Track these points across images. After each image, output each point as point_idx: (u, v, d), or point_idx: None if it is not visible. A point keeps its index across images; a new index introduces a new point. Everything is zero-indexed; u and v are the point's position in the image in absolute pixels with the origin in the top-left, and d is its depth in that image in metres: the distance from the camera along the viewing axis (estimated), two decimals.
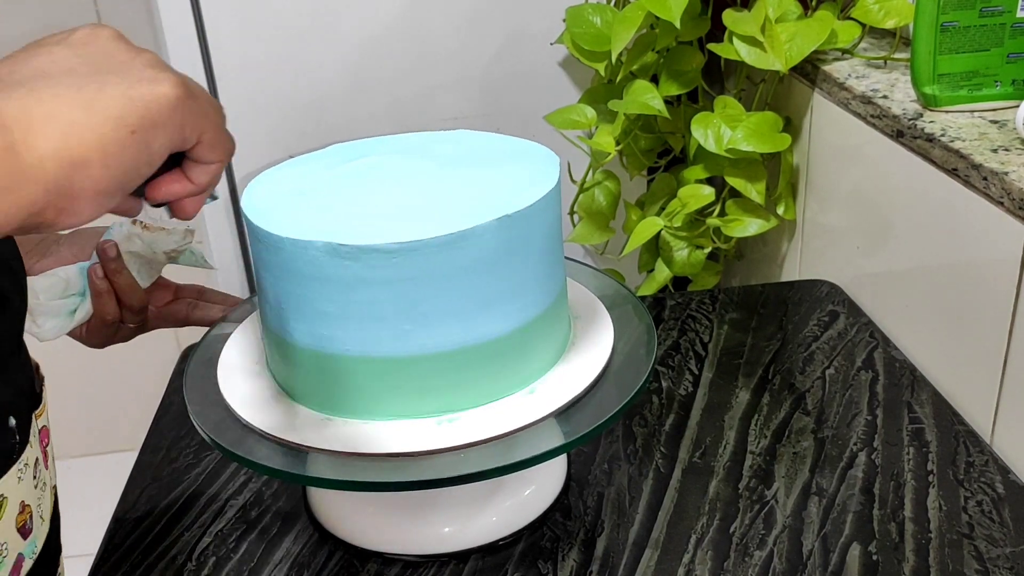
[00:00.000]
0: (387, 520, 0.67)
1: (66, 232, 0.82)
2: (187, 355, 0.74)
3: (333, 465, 0.58)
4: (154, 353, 2.01)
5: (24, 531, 0.56)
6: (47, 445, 0.62)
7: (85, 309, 0.79)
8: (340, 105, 1.26)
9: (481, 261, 0.57)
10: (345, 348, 0.58)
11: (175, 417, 0.85)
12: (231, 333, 0.71)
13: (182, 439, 0.81)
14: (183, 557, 0.68)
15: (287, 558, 0.67)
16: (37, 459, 0.58)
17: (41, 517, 0.58)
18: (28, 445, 0.56)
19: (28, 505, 0.56)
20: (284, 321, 0.61)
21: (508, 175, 0.63)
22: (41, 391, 0.63)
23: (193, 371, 0.68)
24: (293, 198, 0.62)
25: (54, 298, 0.77)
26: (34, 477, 0.57)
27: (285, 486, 0.74)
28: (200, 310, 0.86)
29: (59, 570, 0.65)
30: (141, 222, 0.80)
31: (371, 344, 0.58)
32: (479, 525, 0.67)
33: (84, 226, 0.84)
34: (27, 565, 0.56)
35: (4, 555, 0.54)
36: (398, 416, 0.60)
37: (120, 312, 0.80)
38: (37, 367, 0.65)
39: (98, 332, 0.81)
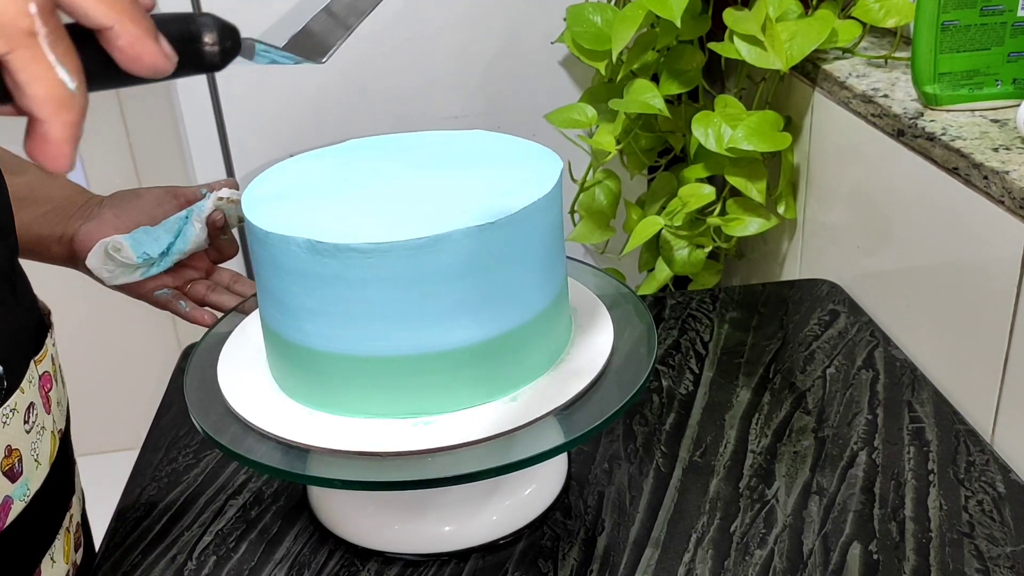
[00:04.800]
0: (387, 519, 0.67)
1: (107, 196, 0.85)
2: (187, 354, 0.74)
3: (333, 464, 0.58)
4: (154, 353, 2.02)
5: (12, 474, 0.57)
6: (49, 390, 0.63)
7: (155, 268, 0.84)
8: (340, 104, 1.26)
9: (456, 266, 0.56)
10: (326, 345, 0.59)
11: (175, 417, 0.85)
12: (231, 332, 0.71)
13: (182, 439, 0.81)
14: (183, 556, 0.68)
15: (287, 557, 0.67)
16: (31, 404, 0.59)
17: (36, 460, 0.59)
18: (19, 390, 0.57)
19: (16, 449, 0.58)
20: (275, 316, 0.61)
21: (506, 178, 0.62)
22: (46, 337, 0.64)
23: (193, 370, 0.68)
24: (290, 195, 0.62)
25: (136, 255, 0.82)
26: (25, 422, 0.58)
27: (285, 485, 0.74)
28: (216, 294, 0.87)
29: (69, 512, 0.66)
30: (227, 197, 0.85)
31: (350, 342, 0.58)
32: (479, 524, 0.67)
33: (122, 191, 0.87)
34: (17, 507, 0.58)
35: None
36: (377, 415, 0.60)
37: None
38: (49, 312, 0.66)
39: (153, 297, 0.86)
